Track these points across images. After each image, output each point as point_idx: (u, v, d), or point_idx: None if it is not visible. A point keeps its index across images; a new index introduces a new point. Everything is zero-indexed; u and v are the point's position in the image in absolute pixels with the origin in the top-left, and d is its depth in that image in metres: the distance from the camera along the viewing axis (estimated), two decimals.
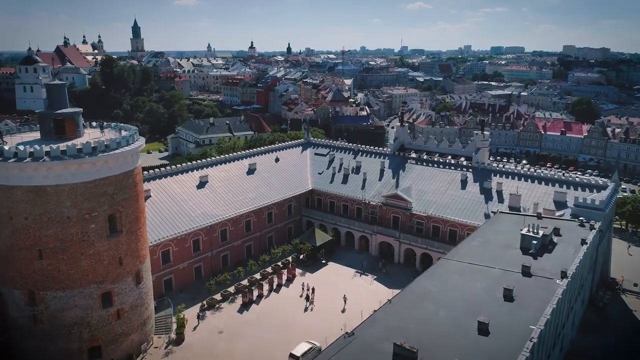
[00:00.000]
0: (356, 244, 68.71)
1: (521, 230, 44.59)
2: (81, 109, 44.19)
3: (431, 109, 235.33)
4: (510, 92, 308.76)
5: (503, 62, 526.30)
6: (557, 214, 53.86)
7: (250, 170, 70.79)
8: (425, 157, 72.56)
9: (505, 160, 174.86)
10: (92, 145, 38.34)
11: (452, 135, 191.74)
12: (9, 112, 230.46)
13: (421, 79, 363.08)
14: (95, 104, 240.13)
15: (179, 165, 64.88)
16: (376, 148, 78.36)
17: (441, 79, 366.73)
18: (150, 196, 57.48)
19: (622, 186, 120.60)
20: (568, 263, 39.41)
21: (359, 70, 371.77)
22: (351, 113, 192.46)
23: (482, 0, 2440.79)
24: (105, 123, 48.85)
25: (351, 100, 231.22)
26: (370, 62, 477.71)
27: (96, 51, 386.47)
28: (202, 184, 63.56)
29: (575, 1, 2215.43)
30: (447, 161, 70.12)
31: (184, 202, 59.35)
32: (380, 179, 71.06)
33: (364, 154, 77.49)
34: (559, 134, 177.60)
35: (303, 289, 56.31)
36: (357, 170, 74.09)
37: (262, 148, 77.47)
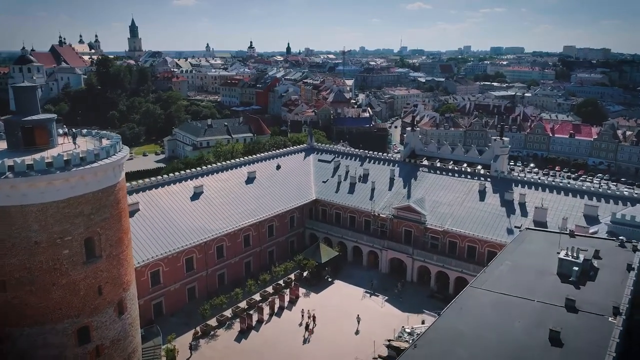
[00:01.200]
0: (364, 260, 63.24)
1: (558, 253, 39.16)
2: (55, 116, 38.50)
3: (434, 110, 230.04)
4: (513, 93, 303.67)
5: (504, 63, 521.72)
6: (591, 230, 48.43)
7: (250, 179, 65.30)
8: (438, 164, 67.16)
9: (512, 163, 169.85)
10: (65, 158, 32.82)
11: (457, 138, 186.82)
12: (3, 114, 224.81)
13: (423, 80, 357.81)
14: (90, 105, 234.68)
15: (171, 175, 59.35)
16: (385, 155, 72.93)
17: (443, 79, 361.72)
18: (138, 210, 52.06)
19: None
20: (617, 294, 33.97)
21: (359, 71, 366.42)
22: (353, 115, 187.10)
23: (481, 0, 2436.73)
24: (85, 130, 43.01)
25: (353, 101, 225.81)
26: (371, 63, 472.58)
27: (93, 51, 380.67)
28: (196, 195, 58.05)
29: (574, 2, 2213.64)
30: (463, 169, 64.68)
31: (176, 216, 53.84)
32: (390, 189, 65.61)
33: (372, 161, 72.03)
34: (567, 136, 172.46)
35: (303, 315, 50.59)
36: (364, 178, 68.62)
37: (262, 154, 71.98)
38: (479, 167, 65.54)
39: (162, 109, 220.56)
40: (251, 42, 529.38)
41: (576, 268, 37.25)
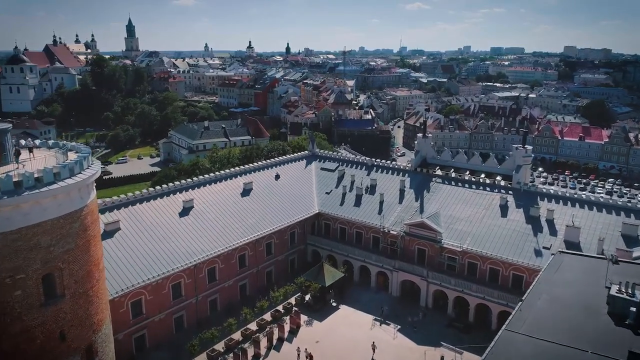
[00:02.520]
0: (373, 281, 57.12)
1: (607, 287, 33.10)
2: (10, 126, 32.23)
3: (437, 111, 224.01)
4: (517, 94, 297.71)
5: (506, 63, 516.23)
6: (635, 254, 42.42)
7: (246, 191, 59.19)
8: (453, 174, 61.10)
9: None
10: (15, 180, 26.80)
11: (463, 141, 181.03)
12: None
13: (424, 80, 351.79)
14: (85, 106, 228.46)
15: (157, 188, 53.18)
16: (393, 163, 66.77)
17: (445, 80, 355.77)
18: (119, 229, 46.01)
19: None
20: None
21: (360, 71, 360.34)
22: (355, 116, 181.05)
23: (480, 1, 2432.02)
24: (52, 142, 36.87)
25: (354, 102, 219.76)
26: (371, 63, 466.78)
27: (89, 50, 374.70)
28: (186, 211, 51.94)
29: (573, 2, 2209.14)
30: (481, 180, 58.63)
31: (163, 236, 47.74)
32: (400, 202, 59.52)
33: (380, 170, 65.94)
34: (577, 139, 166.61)
35: (299, 355, 44.32)
36: (372, 189, 62.53)
37: (259, 163, 65.83)
38: (498, 177, 59.48)
39: (158, 110, 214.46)
40: (250, 42, 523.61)
41: (634, 309, 31.12)
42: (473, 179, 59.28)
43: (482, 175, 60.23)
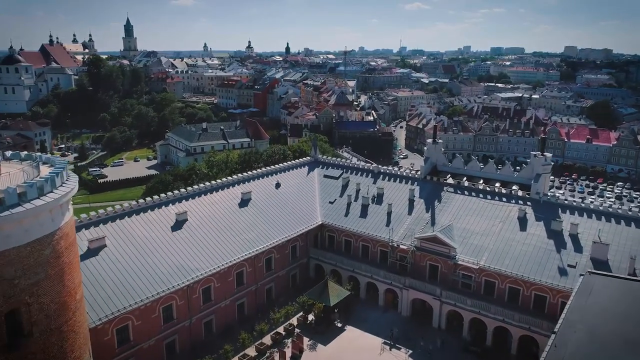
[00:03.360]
0: (381, 299, 53.04)
1: None
2: None
3: (439, 112, 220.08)
4: (520, 95, 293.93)
5: (507, 64, 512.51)
6: None
7: (244, 202, 55.14)
8: (466, 183, 57.09)
9: None
10: None
11: (467, 143, 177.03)
12: None
13: (426, 81, 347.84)
14: (81, 107, 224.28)
15: (148, 200, 49.08)
16: (401, 170, 62.73)
17: (447, 80, 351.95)
18: (104, 246, 41.97)
19: None
20: None
21: (360, 72, 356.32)
22: (356, 118, 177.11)
23: (480, 1, 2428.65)
24: (25, 154, 32.75)
25: (355, 103, 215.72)
26: (371, 63, 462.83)
27: (87, 50, 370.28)
28: (178, 225, 47.90)
29: (572, 2, 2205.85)
30: (497, 190, 54.61)
31: (153, 253, 43.71)
32: (410, 212, 55.50)
33: (387, 178, 61.90)
34: (584, 142, 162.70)
35: None
36: (379, 199, 58.51)
37: (259, 171, 61.71)
38: (515, 187, 55.48)
39: (155, 112, 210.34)
40: (249, 42, 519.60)
41: None
42: (488, 189, 55.27)
43: (497, 185, 56.25)
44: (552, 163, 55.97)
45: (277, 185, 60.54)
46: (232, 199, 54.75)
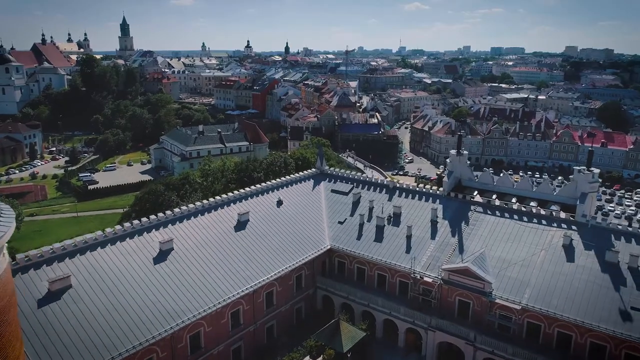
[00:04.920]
0: (401, 340, 45.40)
1: None
2: None
3: (444, 114, 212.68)
4: (526, 96, 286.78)
5: (510, 64, 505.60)
6: None
7: (241, 224, 47.47)
8: (496, 201, 49.50)
9: (538, 175, 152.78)
10: None
11: (475, 146, 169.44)
12: None
13: (428, 81, 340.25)
14: (73, 108, 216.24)
15: (127, 225, 41.35)
16: (421, 186, 54.95)
17: (450, 80, 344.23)
18: (69, 287, 34.36)
19: None
20: None
21: (362, 72, 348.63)
22: (360, 120, 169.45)
23: (478, 1, 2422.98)
24: None
25: (357, 104, 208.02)
26: (372, 63, 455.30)
27: (82, 50, 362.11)
28: (162, 256, 40.21)
29: (571, 3, 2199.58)
30: (535, 211, 47.00)
31: (130, 293, 36.06)
32: (433, 237, 47.89)
33: (404, 194, 54.24)
34: (598, 145, 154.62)
35: None
36: (396, 219, 50.89)
37: (258, 187, 53.85)
38: (553, 206, 47.99)
39: (150, 113, 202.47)
40: (248, 42, 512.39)
41: None
42: (523, 209, 47.65)
43: (534, 204, 48.68)
44: (599, 181, 48.39)
45: (279, 203, 52.88)
46: (227, 222, 47.06)
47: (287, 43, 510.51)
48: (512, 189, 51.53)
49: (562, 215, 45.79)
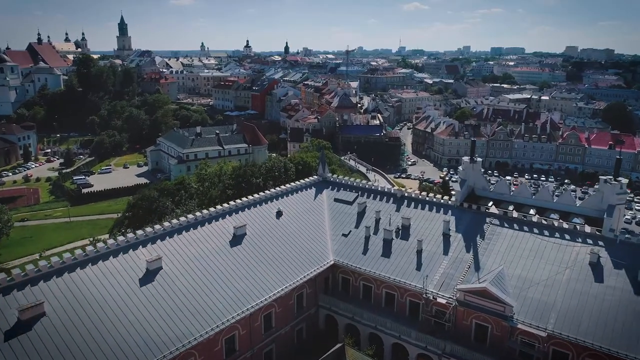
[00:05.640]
0: None
1: None
2: None
3: (446, 115, 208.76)
4: (529, 96, 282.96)
5: (511, 64, 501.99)
6: None
7: (237, 238, 43.63)
8: (514, 213, 45.69)
9: (544, 178, 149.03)
10: None
11: (479, 149, 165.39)
12: None
13: (430, 81, 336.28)
14: (69, 109, 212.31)
15: (111, 242, 37.44)
16: (431, 196, 51.03)
17: (451, 81, 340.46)
18: (43, 314, 30.54)
19: None
20: None
21: (362, 72, 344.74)
22: (361, 122, 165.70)
23: (478, 1, 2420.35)
24: None
25: (358, 105, 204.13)
26: (372, 63, 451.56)
27: (79, 50, 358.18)
28: (149, 276, 36.39)
29: (571, 3, 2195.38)
30: (557, 224, 43.16)
31: (112, 320, 32.25)
32: (445, 252, 44.08)
33: (413, 204, 50.41)
34: (606, 148, 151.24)
35: None
36: (405, 232, 47.08)
37: (255, 196, 49.98)
38: (576, 219, 44.20)
39: (147, 114, 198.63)
40: (247, 41, 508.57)
41: None
42: (544, 222, 43.84)
43: (555, 217, 44.89)
44: (628, 192, 44.55)
45: (279, 214, 49.05)
46: (222, 236, 43.21)
47: (286, 43, 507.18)
48: (531, 199, 47.70)
49: (587, 229, 41.96)
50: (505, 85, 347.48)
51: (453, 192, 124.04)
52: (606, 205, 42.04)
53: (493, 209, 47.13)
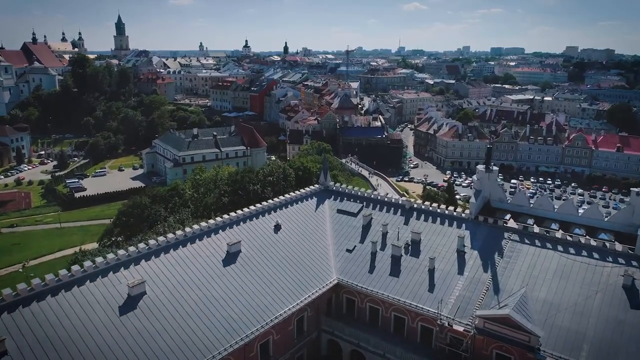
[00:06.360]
0: None
1: None
2: None
3: (448, 116, 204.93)
4: (532, 97, 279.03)
5: (512, 64, 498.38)
6: None
7: (230, 256, 39.57)
8: (535, 228, 41.67)
9: (550, 182, 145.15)
10: None
11: (483, 151, 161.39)
12: None
13: (431, 82, 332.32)
14: (64, 110, 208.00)
15: (87, 265, 33.32)
16: (442, 207, 46.92)
17: (453, 81, 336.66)
18: (4, 353, 26.35)
19: None
20: None
21: (362, 72, 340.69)
22: (362, 123, 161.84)
23: (477, 1, 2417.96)
24: None
25: (359, 106, 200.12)
26: (372, 63, 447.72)
27: (76, 49, 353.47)
28: (131, 303, 32.32)
29: (570, 3, 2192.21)
30: (584, 241, 39.11)
31: (86, 356, 28.12)
32: (461, 271, 40.03)
33: (424, 216, 46.36)
34: (614, 150, 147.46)
35: None
36: (415, 248, 43.05)
37: (252, 209, 45.79)
38: (603, 234, 40.20)
39: (143, 115, 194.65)
40: (246, 41, 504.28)
41: None
42: (569, 238, 39.79)
43: (579, 231, 40.88)
44: None
45: (277, 228, 44.98)
46: (214, 254, 39.13)
47: (285, 43, 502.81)
48: (553, 212, 43.65)
49: (619, 247, 37.92)
50: (507, 86, 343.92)
51: (458, 197, 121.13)
52: (639, 220, 38.02)
53: (511, 223, 43.10)
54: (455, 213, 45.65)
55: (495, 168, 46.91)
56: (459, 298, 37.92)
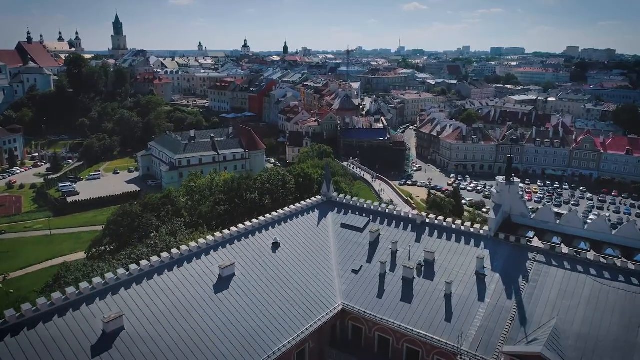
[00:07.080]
0: None
1: None
2: None
3: (451, 117, 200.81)
4: (535, 98, 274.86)
5: (514, 64, 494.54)
6: None
7: (223, 281, 35.21)
8: (563, 248, 37.34)
9: (557, 185, 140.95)
10: None
11: (488, 154, 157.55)
12: None
13: (432, 82, 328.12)
14: (59, 111, 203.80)
15: (56, 297, 28.94)
16: (457, 223, 42.51)
17: (455, 81, 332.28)
18: None
19: None
20: None
21: (363, 72, 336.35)
22: (364, 125, 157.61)
23: (477, 1, 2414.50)
24: None
25: (360, 107, 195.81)
26: (372, 63, 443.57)
27: (73, 49, 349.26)
28: (106, 341, 27.96)
29: (571, 3, 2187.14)
30: (621, 264, 34.76)
31: None
32: (481, 298, 35.67)
33: (437, 232, 42.01)
34: (623, 153, 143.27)
35: None
36: (428, 270, 38.71)
37: (247, 224, 41.35)
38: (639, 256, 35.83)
39: (140, 116, 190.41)
40: (246, 41, 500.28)
41: None
42: (603, 260, 35.45)
43: (613, 252, 36.52)
44: None
45: (275, 246, 40.62)
46: (204, 279, 34.74)
47: (285, 43, 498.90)
48: (582, 230, 39.26)
49: None
50: (509, 86, 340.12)
51: (464, 202, 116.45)
52: None
53: (536, 241, 38.76)
54: (472, 230, 41.28)
55: (517, 180, 42.60)
56: (480, 329, 33.57)
